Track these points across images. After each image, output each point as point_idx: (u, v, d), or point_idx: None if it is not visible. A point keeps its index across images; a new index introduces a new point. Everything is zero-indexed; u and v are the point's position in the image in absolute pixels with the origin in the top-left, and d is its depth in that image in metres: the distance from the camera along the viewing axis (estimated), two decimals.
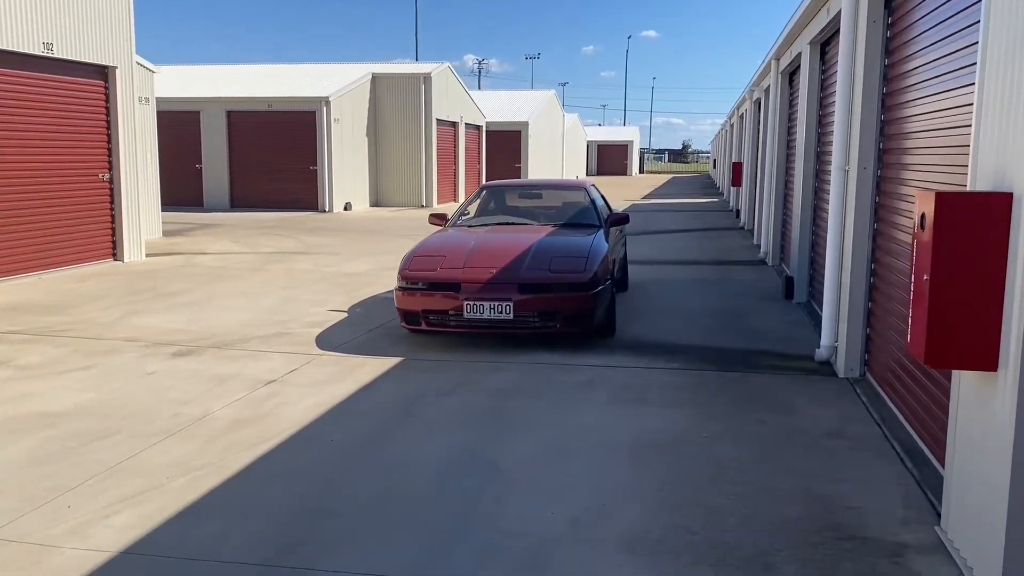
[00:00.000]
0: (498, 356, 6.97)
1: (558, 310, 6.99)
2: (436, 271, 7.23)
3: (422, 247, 7.83)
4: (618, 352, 7.16)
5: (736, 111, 25.26)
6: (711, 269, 12.49)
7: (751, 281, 11.22)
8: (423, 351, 7.17)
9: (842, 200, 6.51)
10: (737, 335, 7.84)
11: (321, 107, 23.30)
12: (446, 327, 7.17)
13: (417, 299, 7.17)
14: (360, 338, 7.66)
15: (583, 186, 9.31)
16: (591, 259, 7.30)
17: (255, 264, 12.66)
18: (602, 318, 7.33)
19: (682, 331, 8.02)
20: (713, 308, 9.23)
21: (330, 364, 6.76)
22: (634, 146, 73.27)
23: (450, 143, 28.93)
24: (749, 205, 18.38)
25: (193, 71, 27.60)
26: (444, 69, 27.47)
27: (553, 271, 7.13)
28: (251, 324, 8.27)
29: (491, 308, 6.95)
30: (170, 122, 24.54)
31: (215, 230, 18.06)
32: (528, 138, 36.82)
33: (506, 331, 7.10)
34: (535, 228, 8.43)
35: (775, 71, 12.95)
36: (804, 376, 6.39)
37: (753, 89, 17.20)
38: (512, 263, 7.24)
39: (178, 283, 10.68)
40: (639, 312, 8.99)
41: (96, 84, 11.93)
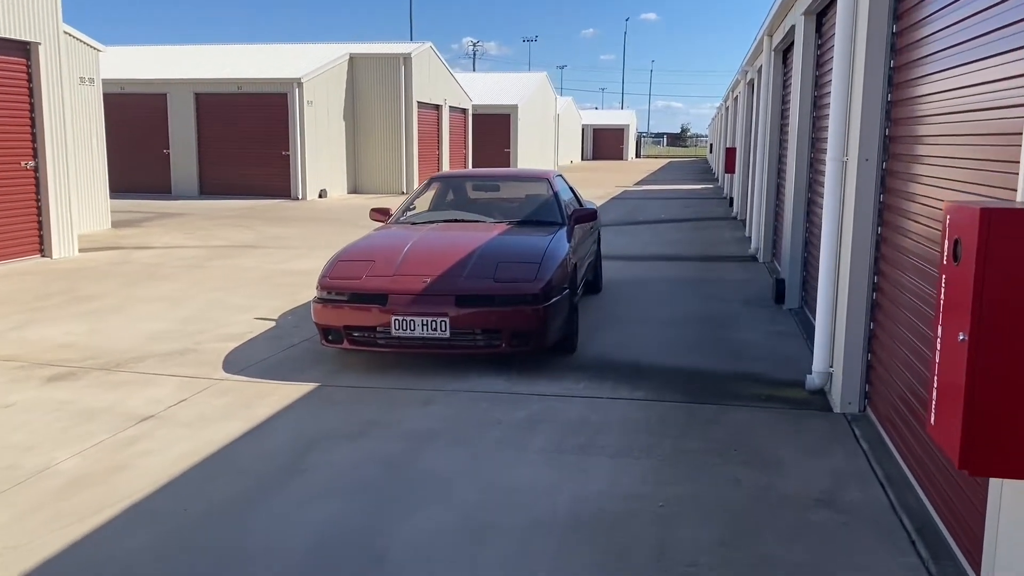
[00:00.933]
0: (431, 381, 5.88)
1: (504, 327, 5.90)
2: (361, 280, 6.13)
3: (349, 250, 6.72)
4: (576, 375, 6.07)
5: (731, 93, 24.09)
6: (696, 267, 11.38)
7: (739, 281, 10.12)
8: (343, 374, 6.08)
9: (839, 197, 5.40)
10: (717, 352, 6.75)
11: (293, 89, 22.11)
12: (373, 346, 6.08)
13: (338, 313, 6.07)
14: (277, 357, 6.57)
15: (545, 177, 8.19)
16: (545, 265, 6.19)
17: (197, 260, 11.55)
18: (558, 334, 6.25)
19: (654, 346, 6.93)
20: (693, 315, 8.13)
21: (228, 393, 5.67)
22: (631, 130, 71.91)
23: (433, 127, 27.72)
24: (742, 194, 17.26)
25: (160, 51, 26.38)
26: (426, 49, 26.24)
27: (499, 280, 6.02)
28: (158, 337, 7.18)
29: (424, 324, 5.86)
30: (135, 105, 23.42)
31: (172, 220, 16.93)
32: (518, 122, 35.60)
33: (442, 352, 6.01)
34: (486, 227, 7.33)
35: (767, 49, 11.80)
36: (792, 411, 5.30)
37: (747, 69, 16.04)
38: (451, 270, 6.14)
39: (99, 285, 9.58)
40: (609, 320, 7.90)
41: (16, 62, 10.77)
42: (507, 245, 6.75)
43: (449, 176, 8.77)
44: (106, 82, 23.37)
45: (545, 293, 5.98)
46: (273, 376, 6.05)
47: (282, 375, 6.07)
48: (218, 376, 6.06)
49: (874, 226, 5.05)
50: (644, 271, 10.94)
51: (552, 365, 6.31)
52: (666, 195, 26.13)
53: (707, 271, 10.99)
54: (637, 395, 5.59)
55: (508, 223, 7.46)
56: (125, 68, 24.32)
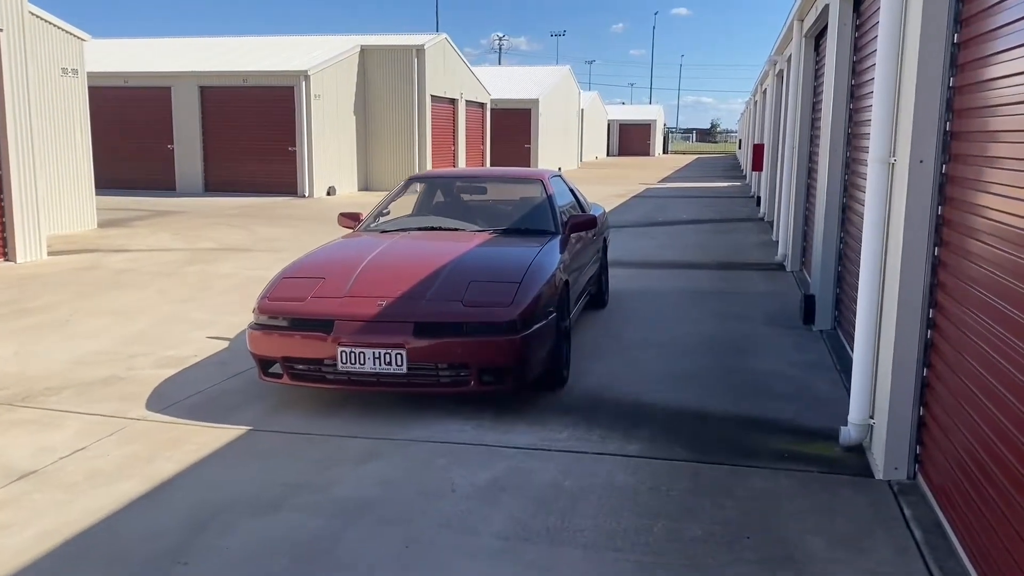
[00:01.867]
0: (383, 425, 4.89)
1: (473, 361, 4.88)
2: (304, 302, 5.14)
3: (298, 265, 5.74)
4: (561, 419, 5.05)
5: (759, 86, 22.87)
6: (716, 276, 10.29)
7: (762, 295, 9.03)
8: (281, 415, 5.11)
9: (883, 207, 4.32)
10: (733, 388, 5.68)
11: (300, 82, 21.23)
12: (318, 382, 5.09)
13: (277, 341, 5.09)
14: (214, 389, 5.62)
15: (539, 178, 7.15)
16: (526, 285, 5.17)
17: (174, 265, 10.66)
18: (541, 367, 5.23)
19: (660, 378, 5.89)
20: (708, 338, 7.07)
21: (138, 439, 4.72)
22: (658, 125, 70.48)
23: (448, 122, 26.74)
24: (769, 194, 16.10)
25: (165, 44, 25.65)
26: (440, 41, 25.25)
27: (468, 303, 5.01)
28: (90, 361, 6.26)
29: (376, 358, 4.86)
30: (139, 99, 22.71)
31: (165, 219, 16.10)
32: (539, 116, 34.51)
33: (399, 390, 5.01)
34: (466, 236, 6.31)
35: (798, 35, 10.67)
36: (823, 477, 4.24)
37: (775, 59, 14.87)
38: (412, 291, 5.13)
39: (53, 295, 8.70)
40: (611, 343, 6.86)
41: None
42: (483, 260, 5.73)
43: (430, 176, 7.76)
44: (109, 75, 22.76)
45: (524, 320, 4.95)
46: (199, 416, 5.08)
47: (210, 415, 5.10)
48: (135, 415, 5.11)
49: (930, 246, 3.97)
50: (658, 281, 9.88)
51: (534, 404, 5.29)
52: (690, 193, 24.96)
53: (728, 281, 9.90)
54: (630, 449, 4.55)
55: (492, 231, 6.43)
56: (129, 61, 23.62)
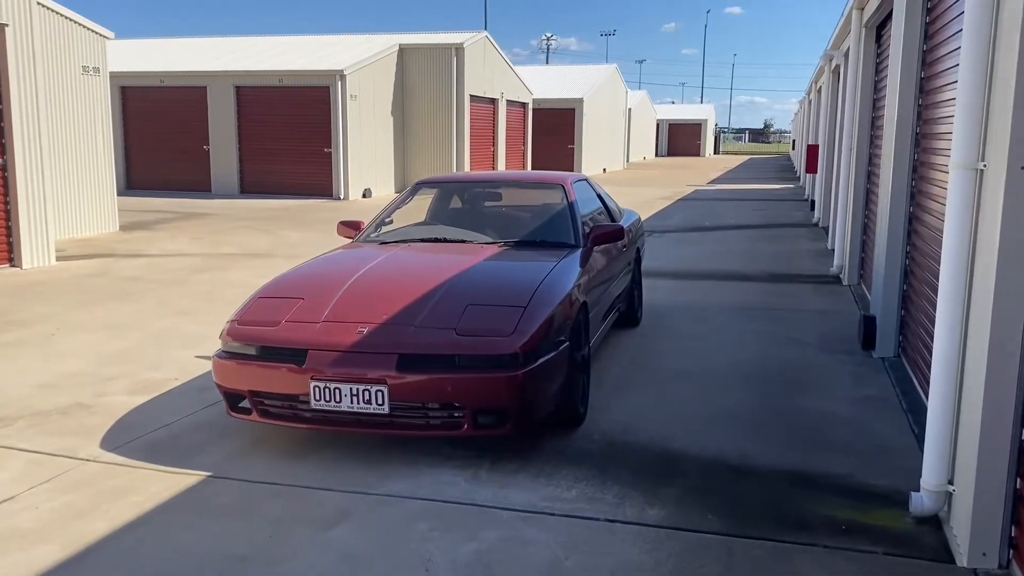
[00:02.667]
0: (363, 473, 4.17)
1: (467, 400, 4.14)
2: (276, 327, 4.44)
3: (277, 283, 5.05)
4: (572, 470, 4.27)
5: (814, 84, 21.75)
6: (765, 290, 9.39)
7: (816, 313, 8.12)
8: (248, 457, 4.42)
9: (967, 222, 3.46)
10: (779, 432, 4.85)
11: (335, 82, 20.71)
12: (291, 421, 4.39)
13: (245, 372, 4.40)
14: (183, 422, 4.96)
15: (560, 183, 6.36)
16: (532, 310, 4.40)
17: (185, 273, 10.12)
18: (550, 406, 4.47)
19: (693, 417, 5.07)
20: (753, 366, 6.23)
21: (79, 486, 4.06)
22: (708, 125, 68.98)
23: (488, 122, 26.05)
24: (824, 198, 15.08)
25: (201, 43, 25.39)
26: (480, 39, 24.57)
27: (463, 331, 4.25)
28: (57, 384, 5.66)
29: (353, 395, 4.14)
30: (175, 99, 22.45)
31: (192, 222, 15.66)
32: (583, 116, 33.64)
33: (381, 431, 4.28)
34: (472, 250, 5.56)
35: (856, 25, 9.72)
36: (891, 563, 3.40)
37: (831, 54, 13.85)
38: (399, 316, 4.40)
39: (47, 305, 8.17)
40: (640, 371, 6.06)
41: None
42: (486, 279, 4.97)
43: (439, 181, 7.02)
44: (145, 74, 22.53)
45: (528, 352, 4.19)
46: (157, 457, 4.42)
47: (170, 455, 4.44)
48: (86, 454, 4.47)
49: None
50: (701, 294, 9.02)
51: (541, 448, 4.52)
52: (740, 195, 23.91)
53: (778, 296, 9.00)
54: (652, 515, 3.76)
55: (503, 244, 5.68)
56: (165, 60, 23.39)
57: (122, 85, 22.60)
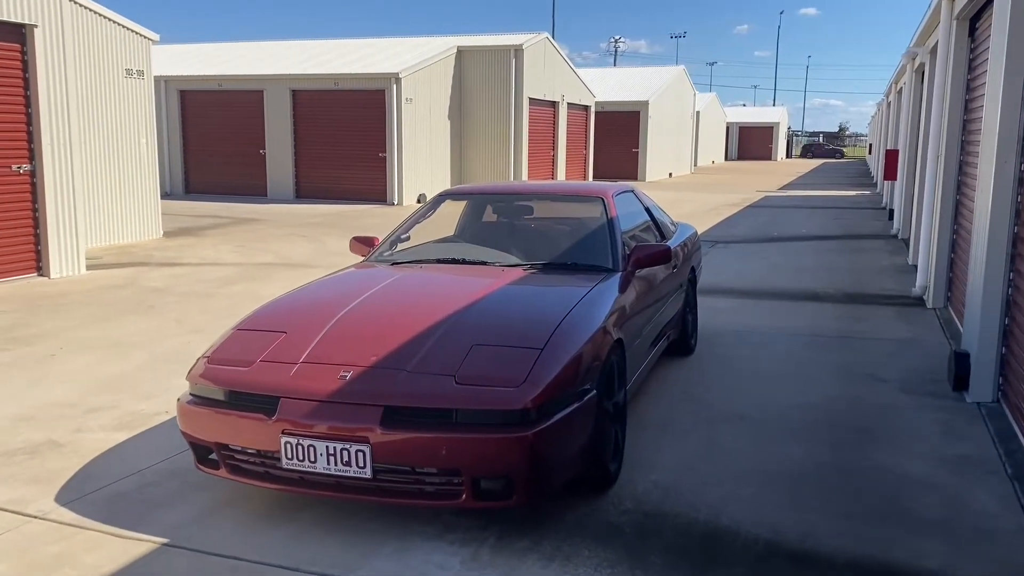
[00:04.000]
0: (341, 546, 3.49)
1: (465, 464, 3.41)
2: (249, 368, 3.78)
3: (261, 313, 4.40)
4: (596, 548, 3.51)
5: (894, 85, 20.42)
6: (838, 312, 8.44)
7: (896, 343, 7.16)
8: (218, 517, 3.77)
9: None
10: (852, 502, 4.00)
11: (391, 85, 20.24)
12: (261, 480, 3.72)
13: (210, 421, 3.76)
14: (154, 469, 4.35)
15: (600, 195, 5.58)
16: (550, 354, 3.65)
17: (216, 284, 9.64)
18: (569, 472, 3.72)
19: (747, 477, 4.25)
20: (821, 409, 5.36)
21: (12, 554, 3.47)
22: (781, 128, 67.00)
23: (548, 125, 25.31)
24: (905, 208, 13.92)
25: (258, 47, 25.26)
26: (540, 40, 23.85)
27: (463, 379, 3.53)
28: (36, 416, 5.13)
29: (330, 454, 3.45)
30: (232, 103, 22.33)
31: (238, 228, 15.31)
32: (648, 119, 32.63)
33: (364, 498, 3.58)
34: (491, 274, 4.84)
35: (946, 18, 8.70)
36: None
37: (915, 52, 12.73)
38: (389, 357, 3.70)
39: (60, 319, 7.73)
40: (688, 412, 5.26)
41: (8, 48, 9.14)
42: (499, 313, 4.23)
43: (464, 192, 6.32)
44: (203, 78, 22.46)
45: (542, 406, 3.44)
46: (113, 514, 3.81)
47: (128, 512, 3.82)
48: (36, 509, 3.88)
49: None
50: (764, 317, 8.13)
51: (561, 520, 3.77)
52: (813, 203, 22.67)
53: (852, 321, 8.04)
54: None
55: (528, 267, 4.94)
56: (223, 64, 23.31)
57: (181, 89, 22.59)
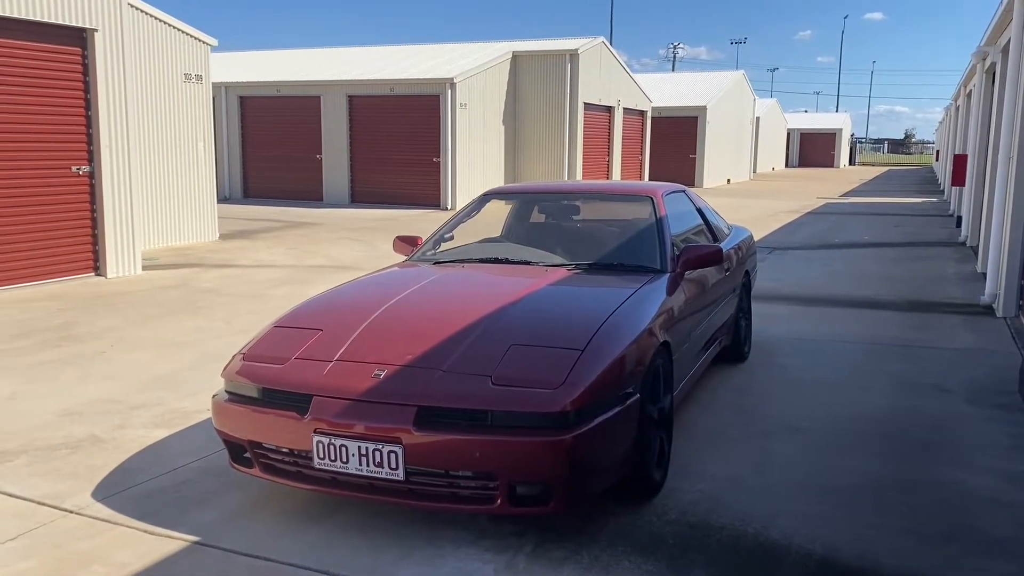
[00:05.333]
0: (372, 550, 3.39)
1: (500, 468, 3.28)
2: (283, 365, 3.72)
3: (299, 310, 4.35)
4: (636, 560, 3.35)
5: (963, 88, 19.75)
6: (900, 320, 8.10)
7: (963, 352, 6.83)
8: (252, 516, 3.71)
9: None
10: (910, 518, 3.76)
11: (445, 90, 20.28)
12: (293, 480, 3.65)
13: (244, 419, 3.70)
14: (191, 467, 4.32)
15: (650, 195, 5.40)
16: (591, 355, 3.50)
17: (265, 286, 9.70)
18: (610, 478, 3.56)
19: (800, 491, 4.04)
20: (880, 419, 5.10)
21: (45, 549, 3.45)
22: (844, 134, 65.53)
23: (603, 131, 25.10)
24: (974, 214, 13.40)
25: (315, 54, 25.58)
26: (596, 45, 23.67)
27: (499, 380, 3.40)
28: (81, 412, 5.16)
29: (362, 455, 3.36)
30: (290, 108, 22.65)
31: (292, 232, 15.45)
32: (706, 125, 32.17)
33: (397, 501, 3.47)
34: (534, 274, 4.70)
35: (1020, 14, 8.33)
36: None
37: (986, 51, 12.25)
38: (425, 357, 3.59)
39: (113, 317, 7.83)
40: (739, 422, 5.05)
41: (68, 52, 9.34)
42: (539, 313, 4.10)
43: (510, 192, 6.20)
44: (262, 84, 22.80)
45: (582, 409, 3.30)
46: (147, 512, 3.77)
47: (162, 510, 3.78)
48: (73, 504, 3.87)
49: None
50: (823, 324, 7.84)
51: (603, 527, 3.62)
52: (876, 210, 22.04)
53: (916, 329, 7.71)
54: None
55: (573, 267, 4.80)
56: (282, 70, 23.65)
57: (240, 95, 22.97)
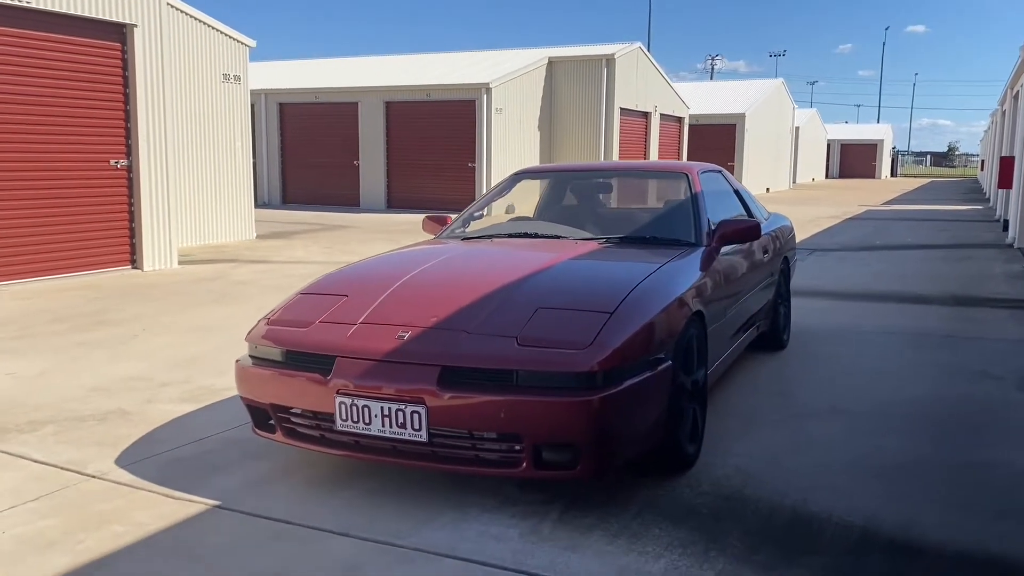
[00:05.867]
0: (397, 516, 3.29)
1: (526, 429, 3.17)
2: (307, 328, 3.65)
3: (325, 278, 4.28)
4: (667, 527, 3.22)
5: (1009, 91, 19.29)
6: (944, 314, 7.86)
7: (1012, 342, 6.58)
8: (275, 483, 3.64)
9: None
10: (957, 493, 3.58)
11: (481, 95, 20.31)
12: (316, 444, 3.57)
13: (266, 382, 3.64)
14: (215, 438, 4.27)
15: (685, 172, 5.28)
16: (621, 317, 3.39)
17: (298, 279, 9.68)
18: (640, 445, 3.43)
19: (841, 468, 3.87)
20: (927, 404, 4.90)
21: (65, 509, 3.40)
22: (885, 145, 64.51)
23: (639, 136, 24.94)
24: (1021, 216, 13.03)
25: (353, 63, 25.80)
26: (633, 51, 23.57)
27: (526, 341, 3.30)
28: (110, 388, 5.14)
29: (385, 415, 3.27)
30: (328, 115, 22.83)
31: (327, 234, 15.51)
32: (744, 132, 31.85)
33: (421, 464, 3.38)
34: (563, 246, 4.59)
35: None
36: None
37: None
38: (450, 319, 3.50)
39: (146, 305, 7.87)
40: (775, 405, 4.89)
41: (108, 46, 9.45)
42: (568, 278, 3.99)
43: (541, 171, 6.14)
44: (301, 91, 23.02)
45: (610, 370, 3.18)
46: (168, 478, 3.72)
47: (183, 476, 3.73)
48: (95, 469, 3.83)
49: None
50: (862, 316, 7.62)
51: (632, 497, 3.49)
52: (919, 216, 21.58)
53: (964, 322, 7.46)
54: None
55: (603, 241, 4.68)
56: (320, 78, 23.87)
57: (280, 102, 23.21)
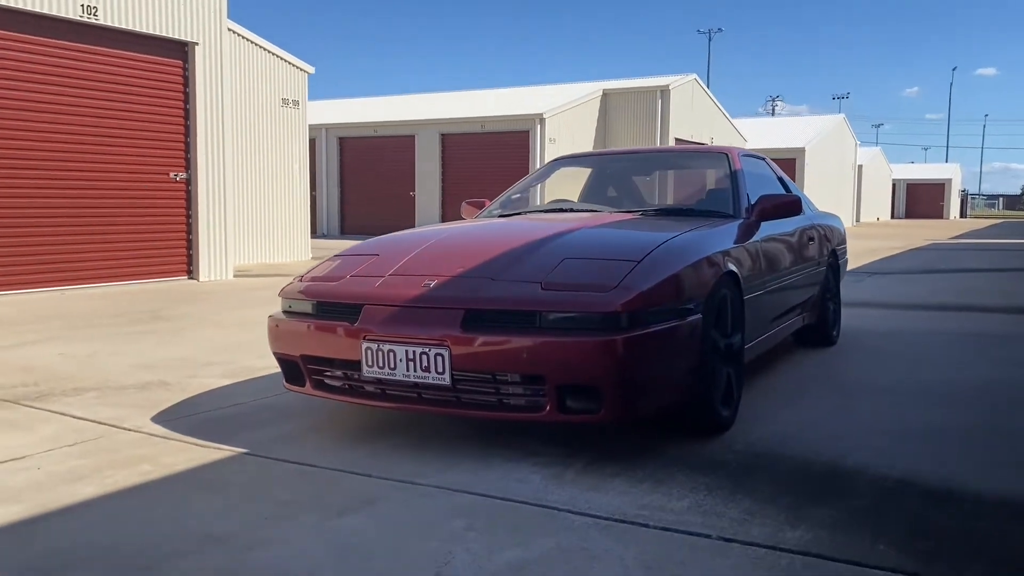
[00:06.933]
0: (418, 465, 3.27)
1: (549, 371, 3.14)
2: (338, 282, 3.70)
3: (356, 246, 4.34)
4: (694, 476, 3.14)
5: None
6: (1004, 319, 7.58)
7: None
8: (307, 437, 3.66)
9: None
10: (1001, 453, 3.43)
11: (535, 125, 20.51)
12: (344, 395, 3.59)
13: (296, 334, 3.68)
14: (251, 404, 4.32)
15: (725, 152, 5.22)
16: (649, 265, 3.35)
17: None
18: (667, 395, 3.37)
19: (881, 431, 3.73)
20: (975, 384, 4.71)
21: (97, 453, 3.47)
22: (953, 184, 63.00)
23: None
24: None
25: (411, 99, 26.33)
26: (689, 82, 23.59)
27: (550, 285, 3.28)
28: (154, 365, 5.26)
29: (409, 359, 3.28)
30: (386, 147, 23.30)
31: None
32: (804, 167, 31.41)
33: (445, 410, 3.37)
34: (596, 217, 4.57)
35: None
36: None
37: None
38: (475, 269, 3.51)
39: (198, 304, 8.06)
40: (819, 382, 4.76)
41: (171, 64, 9.84)
42: (598, 237, 3.97)
43: (579, 157, 6.11)
44: (361, 125, 23.57)
45: (635, 313, 3.13)
46: (200, 432, 3.77)
47: (214, 432, 3.78)
48: (131, 424, 3.91)
49: None
50: (917, 321, 7.40)
51: (661, 449, 3.41)
52: (985, 247, 20.97)
53: (1020, 327, 7.19)
54: (789, 538, 2.56)
55: (638, 213, 4.65)
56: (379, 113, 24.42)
57: (340, 136, 23.79)
